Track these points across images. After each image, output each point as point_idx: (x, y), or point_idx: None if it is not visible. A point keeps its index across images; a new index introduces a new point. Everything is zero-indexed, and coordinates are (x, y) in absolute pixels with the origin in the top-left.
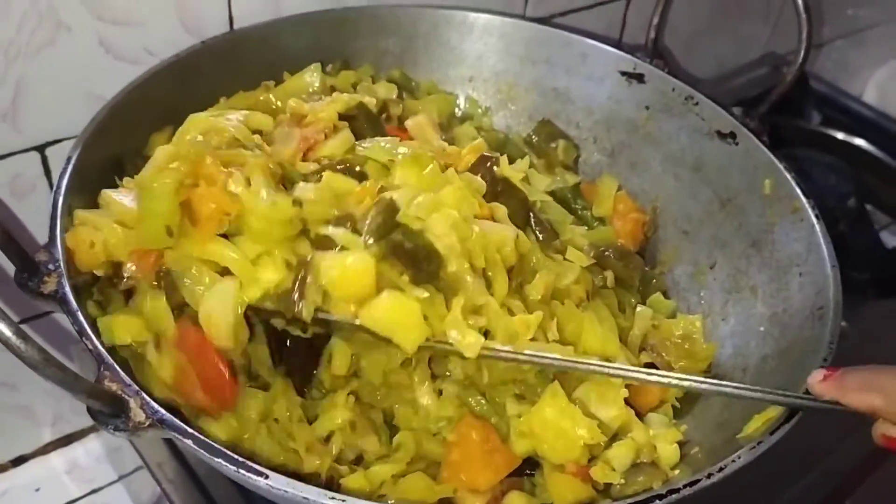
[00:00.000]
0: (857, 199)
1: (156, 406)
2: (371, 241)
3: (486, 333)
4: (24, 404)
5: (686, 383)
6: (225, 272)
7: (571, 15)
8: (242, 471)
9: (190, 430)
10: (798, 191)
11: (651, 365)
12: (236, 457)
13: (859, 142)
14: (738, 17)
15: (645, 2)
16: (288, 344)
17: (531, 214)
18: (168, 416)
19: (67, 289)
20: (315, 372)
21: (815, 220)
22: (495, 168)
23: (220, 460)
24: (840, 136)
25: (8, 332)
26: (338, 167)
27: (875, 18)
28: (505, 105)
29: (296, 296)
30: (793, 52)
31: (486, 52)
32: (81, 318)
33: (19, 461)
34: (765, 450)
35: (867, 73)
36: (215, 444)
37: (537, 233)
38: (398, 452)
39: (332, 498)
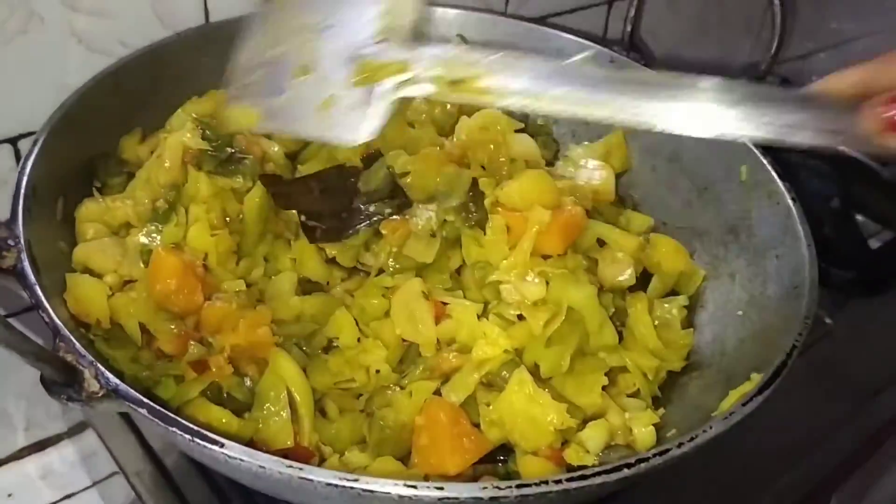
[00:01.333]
0: (840, 201)
1: (110, 376)
2: None
3: None
4: None
5: None
6: None
7: (552, 19)
8: (197, 439)
9: (145, 400)
10: (774, 174)
11: None
12: (191, 426)
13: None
14: (720, 26)
15: (627, 6)
16: None
17: None
18: (123, 385)
19: (26, 263)
20: None
21: (790, 203)
22: None
23: (174, 429)
24: None
25: None
26: None
27: (858, 31)
28: None
29: None
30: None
31: None
32: (39, 291)
33: None
34: (737, 420)
35: None
36: (170, 414)
37: None
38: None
39: (289, 466)
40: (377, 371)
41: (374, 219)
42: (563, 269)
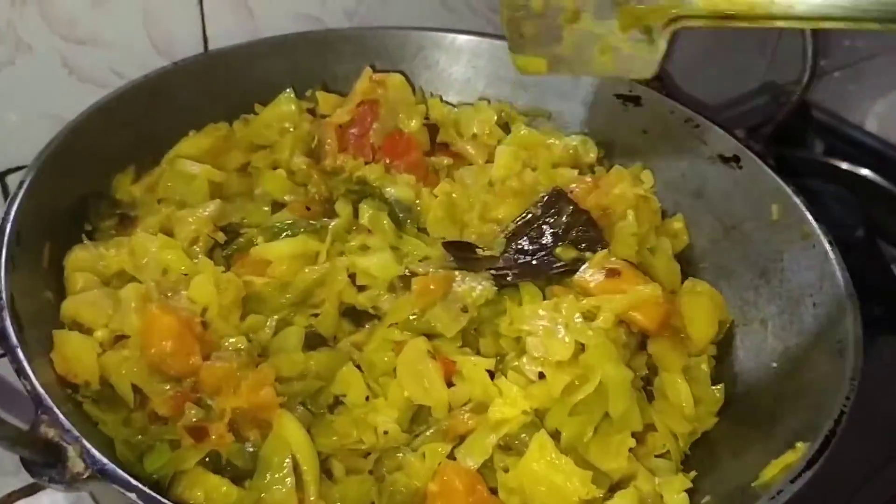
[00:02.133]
0: (865, 230)
1: (97, 455)
2: None
3: None
4: None
5: None
6: None
7: None
8: None
9: (134, 483)
10: (808, 216)
11: None
12: None
13: (865, 172)
14: (735, 46)
15: None
16: None
17: None
18: (111, 465)
19: (8, 322)
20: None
21: (828, 247)
22: None
23: None
24: (844, 166)
25: None
26: None
27: (873, 50)
28: None
29: None
30: (793, 81)
31: (476, 75)
32: (21, 355)
33: None
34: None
35: (866, 106)
36: (161, 499)
37: None
38: None
39: None
40: (385, 432)
41: (568, 267)
42: (605, 339)
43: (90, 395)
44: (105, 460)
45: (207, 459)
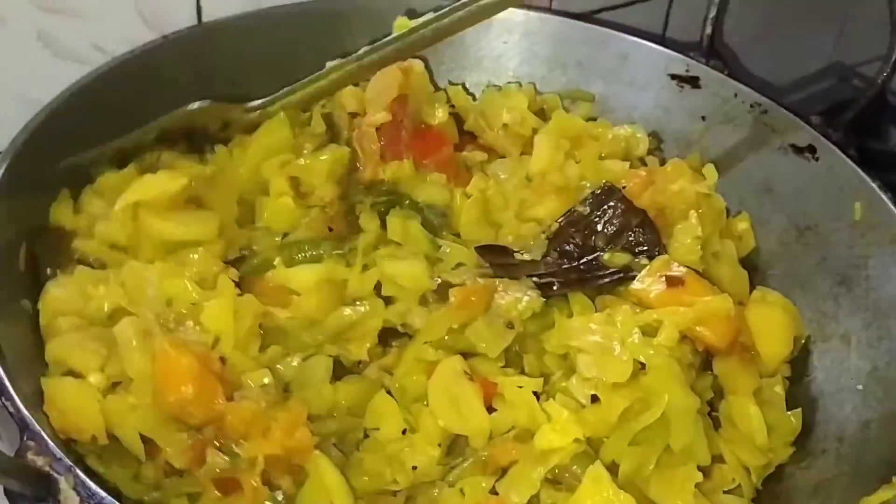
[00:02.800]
0: None
1: (93, 486)
2: None
3: None
4: None
5: None
6: None
7: (605, 13)
8: None
9: None
10: None
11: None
12: None
13: None
14: (798, 21)
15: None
16: None
17: None
18: (109, 498)
19: None
20: None
21: None
22: None
23: None
24: None
25: None
26: None
27: None
28: None
29: None
30: (862, 62)
31: (507, 52)
32: (2, 373)
33: None
34: None
35: None
36: None
37: None
38: None
39: None
40: (414, 467)
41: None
42: (669, 359)
43: (93, 450)
44: (103, 493)
45: None
